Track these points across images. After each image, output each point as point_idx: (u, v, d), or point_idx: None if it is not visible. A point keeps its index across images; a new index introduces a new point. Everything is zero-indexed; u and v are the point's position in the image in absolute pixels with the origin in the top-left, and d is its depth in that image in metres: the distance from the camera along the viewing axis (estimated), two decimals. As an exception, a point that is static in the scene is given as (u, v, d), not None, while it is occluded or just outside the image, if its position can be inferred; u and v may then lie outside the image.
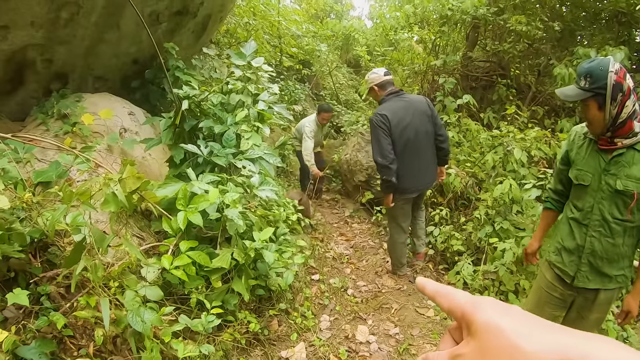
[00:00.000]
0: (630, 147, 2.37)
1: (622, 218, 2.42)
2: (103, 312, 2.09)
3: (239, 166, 3.31)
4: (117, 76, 5.29)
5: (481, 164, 5.54)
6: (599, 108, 2.31)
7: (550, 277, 2.84)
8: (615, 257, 2.53)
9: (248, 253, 2.89)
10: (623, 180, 2.36)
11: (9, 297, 2.09)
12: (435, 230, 4.99)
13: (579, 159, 2.59)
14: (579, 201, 2.61)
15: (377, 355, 3.59)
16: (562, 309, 2.88)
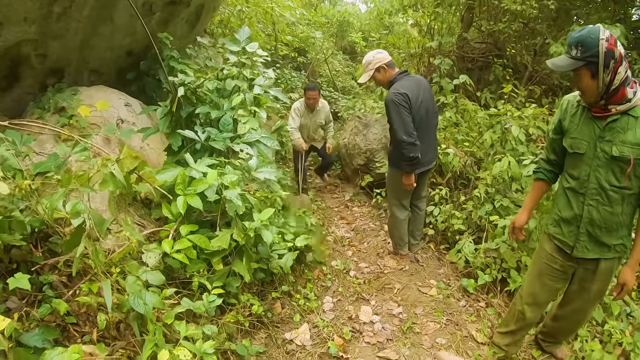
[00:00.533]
0: (624, 113, 2.38)
1: (619, 185, 2.44)
2: (105, 296, 2.11)
3: (237, 150, 3.32)
4: (112, 69, 5.29)
5: (479, 143, 5.53)
6: (591, 76, 2.32)
7: (550, 249, 2.86)
8: (613, 226, 2.54)
9: (248, 233, 2.90)
10: (619, 147, 2.38)
11: (10, 281, 2.11)
12: (435, 209, 4.99)
13: (572, 127, 2.59)
14: (574, 170, 2.61)
15: (381, 334, 3.62)
16: (563, 281, 2.91)
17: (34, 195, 2.54)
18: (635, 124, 2.36)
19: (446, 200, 5.18)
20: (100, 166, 2.08)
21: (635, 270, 2.56)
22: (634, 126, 2.36)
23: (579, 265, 2.78)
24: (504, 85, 6.02)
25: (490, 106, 6.40)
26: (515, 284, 4.09)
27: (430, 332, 3.70)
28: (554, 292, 3.02)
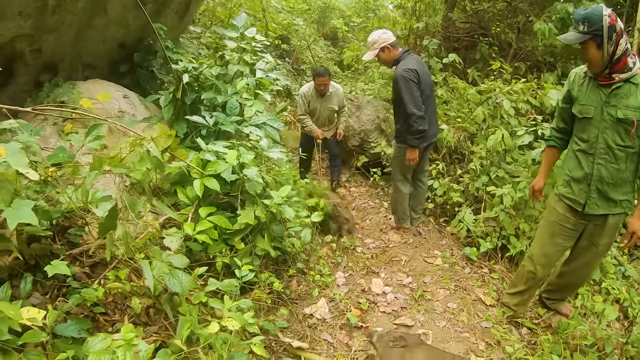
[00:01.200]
0: (627, 80, 2.66)
1: (624, 144, 2.72)
2: (146, 275, 2.18)
3: (246, 132, 3.39)
4: (105, 62, 5.28)
5: (471, 118, 5.67)
6: (597, 48, 2.61)
7: (562, 209, 3.09)
8: (619, 182, 2.82)
9: (270, 210, 2.99)
10: (623, 110, 2.66)
11: (48, 268, 2.14)
12: (434, 182, 5.12)
13: (580, 95, 2.86)
14: (584, 134, 2.88)
15: (395, 303, 3.75)
16: (572, 239, 3.15)
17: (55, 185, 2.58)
18: (636, 90, 2.66)
19: (443, 174, 5.31)
20: (135, 145, 2.14)
21: None
22: (636, 92, 2.66)
23: (589, 222, 3.03)
24: (491, 63, 6.16)
25: (477, 83, 6.55)
26: (516, 250, 4.26)
27: (441, 298, 3.85)
28: (564, 250, 3.27)
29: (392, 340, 3.02)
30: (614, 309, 3.42)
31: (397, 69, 4.23)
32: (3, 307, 1.75)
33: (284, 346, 3.01)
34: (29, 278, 2.28)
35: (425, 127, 4.19)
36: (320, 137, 5.87)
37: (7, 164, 1.83)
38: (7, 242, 2.21)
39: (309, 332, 3.26)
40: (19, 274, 2.43)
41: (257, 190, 2.96)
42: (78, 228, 2.84)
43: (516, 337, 3.39)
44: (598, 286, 4.12)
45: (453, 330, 3.50)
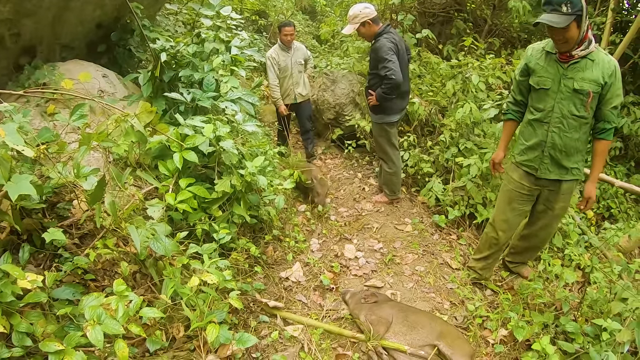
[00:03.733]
0: (583, 57, 2.91)
1: (578, 114, 2.99)
2: (133, 238, 2.38)
3: (222, 107, 3.57)
4: (83, 43, 5.35)
5: (442, 92, 5.88)
6: (577, 27, 2.80)
7: (518, 177, 3.38)
8: (571, 150, 3.10)
9: (245, 179, 3.19)
10: (579, 82, 2.92)
11: (45, 235, 2.34)
12: (405, 154, 5.36)
13: (538, 68, 3.10)
14: (540, 104, 3.13)
15: (366, 267, 4.01)
16: (528, 204, 3.44)
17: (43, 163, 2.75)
18: (592, 65, 2.91)
19: (414, 146, 5.55)
20: (120, 121, 2.32)
21: (595, 185, 3.20)
22: (591, 67, 2.91)
23: (544, 187, 3.32)
24: (464, 39, 6.35)
25: (452, 58, 6.75)
26: (482, 217, 4.54)
27: (409, 262, 4.12)
28: (522, 215, 3.55)
29: (364, 297, 3.29)
30: (573, 273, 3.68)
31: (381, 39, 4.38)
32: (8, 268, 1.95)
33: (261, 306, 3.25)
34: (26, 247, 2.48)
35: (394, 94, 4.43)
36: (284, 112, 5.97)
37: (4, 143, 2.00)
38: (2, 216, 2.38)
39: (284, 294, 3.50)
40: (13, 248, 2.63)
41: (232, 161, 3.17)
42: (66, 203, 3.01)
43: (479, 298, 3.68)
44: (561, 253, 4.42)
45: (420, 291, 3.78)
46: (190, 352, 2.64)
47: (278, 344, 2.98)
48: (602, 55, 2.93)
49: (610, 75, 2.88)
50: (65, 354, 1.98)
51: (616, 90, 2.92)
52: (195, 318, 2.48)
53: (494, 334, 3.24)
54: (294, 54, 5.95)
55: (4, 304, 2.07)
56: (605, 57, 2.92)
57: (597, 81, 2.89)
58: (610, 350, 2.60)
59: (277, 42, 5.92)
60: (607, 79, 2.89)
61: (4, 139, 1.95)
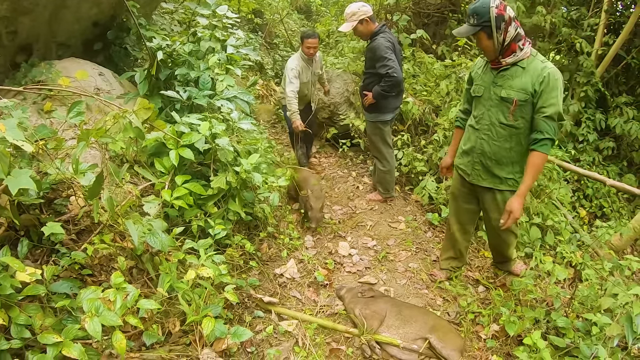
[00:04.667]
0: (514, 64, 2.94)
1: (506, 122, 3.01)
2: (131, 231, 2.41)
3: (218, 105, 3.61)
4: (79, 41, 5.38)
5: (436, 92, 5.95)
6: (488, 37, 2.90)
7: (458, 178, 3.50)
8: (503, 160, 3.13)
9: (240, 176, 3.23)
10: (506, 90, 2.96)
11: (45, 229, 2.38)
12: (399, 152, 5.41)
13: (477, 76, 3.21)
14: (475, 110, 3.23)
15: (359, 264, 4.05)
16: (474, 201, 3.52)
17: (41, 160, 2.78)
18: (522, 72, 2.91)
19: (408, 145, 5.60)
20: (118, 118, 2.35)
21: (522, 200, 3.01)
22: (521, 74, 2.91)
23: (479, 194, 3.40)
24: (458, 39, 6.41)
25: (446, 58, 6.82)
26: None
27: (402, 259, 4.17)
28: (471, 212, 3.61)
29: (361, 292, 3.36)
30: (564, 270, 3.72)
31: (378, 39, 4.44)
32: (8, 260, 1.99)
33: (256, 301, 3.29)
34: (25, 242, 2.51)
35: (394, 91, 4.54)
36: (300, 128, 5.35)
37: (3, 139, 2.03)
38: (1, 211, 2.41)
39: (279, 290, 3.55)
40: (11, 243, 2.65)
41: (228, 158, 3.21)
42: (63, 199, 3.04)
43: (471, 294, 3.72)
44: (553, 250, 4.47)
45: (413, 287, 3.83)
46: (186, 346, 2.68)
47: (272, 338, 3.02)
48: (536, 62, 2.90)
49: (541, 82, 2.83)
50: (64, 345, 2.01)
51: (549, 99, 2.82)
52: (192, 312, 2.52)
53: (486, 329, 3.29)
54: (314, 66, 5.61)
55: (3, 296, 2.10)
56: (539, 64, 2.88)
57: (525, 89, 2.87)
58: (600, 345, 2.65)
59: (299, 53, 5.44)
60: (537, 87, 2.84)
61: (4, 134, 1.98)
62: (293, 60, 5.33)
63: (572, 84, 7.61)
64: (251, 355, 2.86)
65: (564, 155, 5.83)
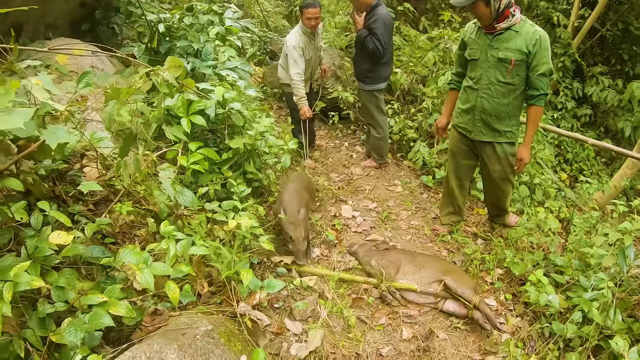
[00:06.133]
0: (508, 28, 3.23)
1: (504, 81, 3.31)
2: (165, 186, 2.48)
3: (223, 74, 3.69)
4: (67, 22, 5.37)
5: (422, 63, 6.12)
6: (486, 5, 3.14)
7: (457, 136, 3.75)
8: (502, 115, 3.42)
9: (255, 137, 3.34)
10: (503, 51, 3.25)
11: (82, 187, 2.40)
12: (390, 121, 5.57)
13: (470, 41, 3.46)
14: (472, 72, 3.48)
15: (364, 224, 4.21)
16: (472, 157, 3.79)
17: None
18: (516, 36, 3.20)
19: (398, 113, 5.76)
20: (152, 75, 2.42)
21: (529, 148, 3.47)
22: (515, 37, 3.21)
23: (479, 149, 3.64)
24: (441, 13, 6.59)
25: (428, 32, 7.00)
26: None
27: (404, 218, 4.36)
28: (468, 169, 3.89)
29: (375, 245, 3.58)
30: (556, 220, 3.94)
31: (382, 13, 4.63)
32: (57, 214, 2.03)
33: (275, 262, 3.40)
34: (53, 206, 2.52)
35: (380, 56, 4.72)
36: (308, 114, 4.86)
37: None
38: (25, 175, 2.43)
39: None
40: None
41: (241, 122, 3.30)
42: (77, 170, 3.07)
43: (474, 244, 3.93)
44: (541, 206, 4.70)
45: (418, 242, 4.02)
46: (218, 305, 2.76)
47: (296, 294, 3.15)
48: (527, 26, 3.20)
49: (534, 44, 3.14)
50: (109, 304, 1.99)
51: (542, 59, 3.16)
52: (225, 268, 2.63)
53: (492, 273, 3.50)
54: (316, 40, 4.96)
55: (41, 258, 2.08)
56: (530, 28, 3.19)
57: (520, 50, 3.17)
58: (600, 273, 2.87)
59: (299, 27, 4.77)
60: (530, 48, 3.15)
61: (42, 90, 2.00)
62: (293, 36, 4.72)
63: (550, 56, 7.91)
64: (279, 310, 2.99)
65: (546, 119, 6.10)
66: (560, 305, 2.89)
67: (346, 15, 7.17)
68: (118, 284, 2.20)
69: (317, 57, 5.14)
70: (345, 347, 2.79)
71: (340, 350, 2.75)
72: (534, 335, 2.96)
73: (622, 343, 2.44)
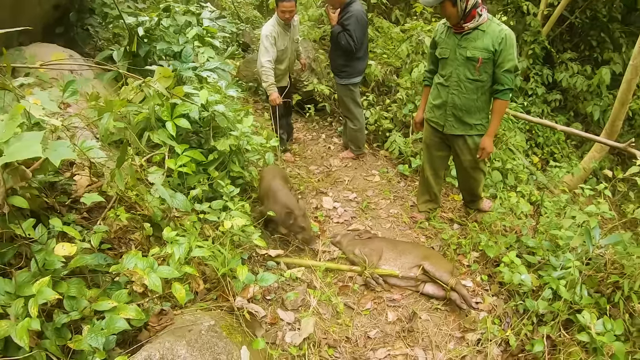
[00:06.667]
0: (475, 28, 3.42)
1: (473, 78, 3.52)
2: (160, 192, 2.61)
3: (204, 76, 3.79)
4: (40, 26, 5.33)
5: (396, 55, 6.29)
6: (452, 5, 3.32)
7: (429, 129, 3.98)
8: (472, 109, 3.64)
9: (239, 138, 3.47)
10: (471, 50, 3.46)
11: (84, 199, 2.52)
12: (366, 112, 5.75)
13: (441, 41, 3.67)
14: (442, 70, 3.70)
15: (345, 214, 4.41)
16: (445, 149, 4.01)
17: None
18: (483, 35, 3.40)
19: (373, 105, 5.94)
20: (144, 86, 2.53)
21: (492, 138, 3.66)
22: (482, 37, 3.40)
23: (451, 141, 3.87)
24: (412, 3, 6.75)
25: (400, 23, 7.16)
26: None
27: (384, 207, 4.56)
28: (441, 160, 4.12)
29: (359, 235, 3.79)
30: (527, 203, 4.19)
31: (356, 9, 4.78)
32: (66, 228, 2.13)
33: (263, 256, 3.55)
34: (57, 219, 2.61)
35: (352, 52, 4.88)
36: (278, 101, 4.93)
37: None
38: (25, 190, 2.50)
39: (279, 244, 3.82)
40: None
41: (224, 124, 3.43)
42: (67, 179, 3.13)
43: (450, 229, 4.15)
44: (514, 191, 4.95)
45: (398, 229, 4.23)
46: (214, 301, 2.89)
47: (286, 285, 3.31)
48: (494, 26, 3.39)
49: (500, 43, 3.34)
50: (120, 309, 2.12)
51: (507, 56, 3.36)
52: (220, 265, 2.77)
53: (468, 256, 3.73)
54: (293, 32, 5.08)
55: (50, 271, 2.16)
56: (497, 27, 3.38)
57: (487, 49, 3.37)
58: (567, 253, 3.11)
59: (275, 18, 4.86)
60: (497, 47, 3.35)
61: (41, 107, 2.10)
62: (267, 26, 4.81)
63: (520, 43, 8.22)
64: (271, 301, 3.15)
65: (517, 107, 6.35)
66: (533, 284, 3.12)
67: (319, 8, 7.27)
68: (124, 289, 2.31)
69: (293, 50, 5.23)
70: (335, 332, 2.99)
71: (331, 336, 2.95)
72: (509, 312, 3.21)
73: (588, 316, 2.67)
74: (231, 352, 2.34)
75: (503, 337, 2.99)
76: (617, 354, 2.52)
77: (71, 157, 2.23)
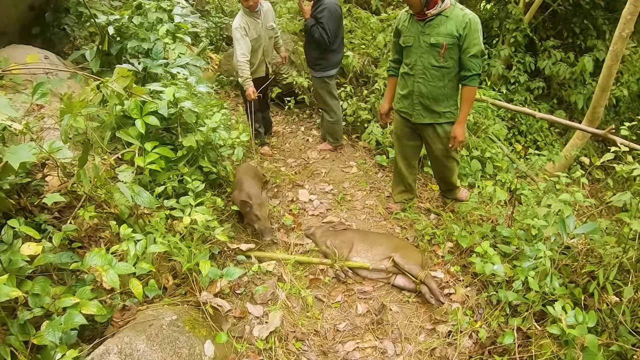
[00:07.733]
0: (438, 14, 3.42)
1: (438, 64, 3.51)
2: (123, 191, 2.64)
3: (174, 72, 3.81)
4: (16, 27, 5.34)
5: (374, 45, 6.30)
6: None
7: (399, 119, 3.98)
8: (439, 97, 3.63)
9: (207, 134, 3.49)
10: (435, 37, 3.45)
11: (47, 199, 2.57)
12: (344, 103, 5.77)
13: (404, 29, 3.65)
14: (407, 59, 3.68)
15: (321, 207, 4.44)
16: (416, 138, 4.01)
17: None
18: (446, 20, 3.39)
19: (351, 96, 5.96)
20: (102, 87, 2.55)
21: (463, 126, 3.64)
22: (445, 22, 3.39)
23: (421, 130, 3.87)
24: (392, -6, 6.76)
25: (380, 12, 7.15)
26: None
27: (359, 198, 4.59)
28: (413, 149, 4.12)
29: (333, 227, 3.82)
30: (504, 191, 4.19)
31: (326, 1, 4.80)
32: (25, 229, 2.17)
33: (235, 250, 3.58)
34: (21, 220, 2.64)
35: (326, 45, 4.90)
36: (253, 96, 4.85)
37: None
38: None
39: (252, 238, 3.84)
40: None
41: (193, 120, 3.45)
42: (39, 180, 3.16)
43: (424, 220, 4.17)
44: (493, 179, 4.98)
45: (372, 221, 4.26)
46: (183, 296, 2.93)
47: (256, 279, 3.34)
48: (457, 10, 3.38)
49: (464, 27, 3.33)
50: (81, 305, 2.17)
51: (472, 40, 3.35)
52: (185, 261, 2.80)
53: (442, 247, 3.76)
54: (263, 19, 4.98)
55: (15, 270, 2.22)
56: (460, 12, 3.37)
57: (451, 34, 3.36)
58: (539, 243, 3.10)
59: (241, 9, 4.85)
60: (461, 32, 3.34)
61: (1, 113, 2.13)
62: (236, 19, 4.79)
63: (502, 31, 8.22)
64: (241, 295, 3.18)
65: (497, 95, 6.36)
66: (506, 274, 3.10)
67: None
68: (88, 286, 2.37)
69: (269, 38, 5.15)
70: (304, 325, 3.02)
71: (299, 329, 2.98)
72: (482, 303, 3.22)
73: (559, 308, 2.61)
74: (193, 346, 2.38)
75: (474, 328, 2.99)
76: (589, 346, 2.45)
77: (30, 160, 2.26)
